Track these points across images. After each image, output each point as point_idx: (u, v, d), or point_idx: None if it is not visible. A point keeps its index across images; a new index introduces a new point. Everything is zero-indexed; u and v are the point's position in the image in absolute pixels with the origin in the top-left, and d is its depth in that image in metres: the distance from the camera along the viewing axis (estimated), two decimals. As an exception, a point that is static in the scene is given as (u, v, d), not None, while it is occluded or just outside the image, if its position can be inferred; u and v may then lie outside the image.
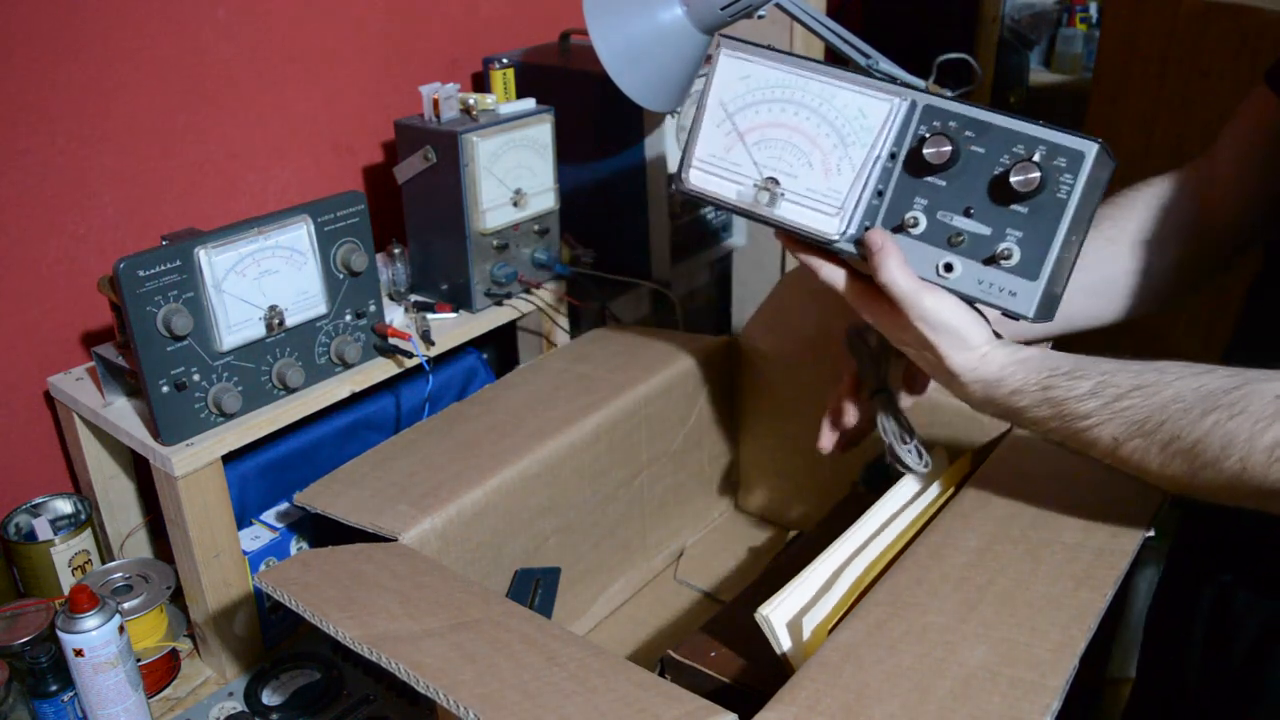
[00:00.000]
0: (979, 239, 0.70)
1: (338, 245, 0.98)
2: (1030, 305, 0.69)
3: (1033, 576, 0.70)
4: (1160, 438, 0.64)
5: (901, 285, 0.71)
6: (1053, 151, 0.67)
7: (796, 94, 0.76)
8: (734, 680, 0.78)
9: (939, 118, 0.71)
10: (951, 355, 0.71)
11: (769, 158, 0.77)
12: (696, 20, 1.05)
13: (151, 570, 0.99)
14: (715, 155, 0.80)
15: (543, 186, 1.16)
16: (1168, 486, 0.67)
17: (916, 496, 0.86)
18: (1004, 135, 0.68)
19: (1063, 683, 0.61)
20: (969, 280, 0.71)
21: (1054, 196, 0.67)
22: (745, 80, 0.78)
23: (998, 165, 0.69)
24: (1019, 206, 0.68)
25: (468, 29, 1.38)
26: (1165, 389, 0.64)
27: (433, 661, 0.60)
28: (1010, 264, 0.69)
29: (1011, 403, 0.71)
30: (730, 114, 0.79)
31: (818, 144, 0.75)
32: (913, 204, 0.72)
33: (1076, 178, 0.66)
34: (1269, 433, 0.59)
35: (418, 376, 1.09)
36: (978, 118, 0.70)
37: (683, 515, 1.18)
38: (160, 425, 0.89)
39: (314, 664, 0.98)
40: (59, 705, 0.88)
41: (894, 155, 0.73)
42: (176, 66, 1.10)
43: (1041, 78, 2.68)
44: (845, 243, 0.75)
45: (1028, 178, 0.67)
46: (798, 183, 0.76)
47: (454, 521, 0.88)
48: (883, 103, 0.73)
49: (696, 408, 1.14)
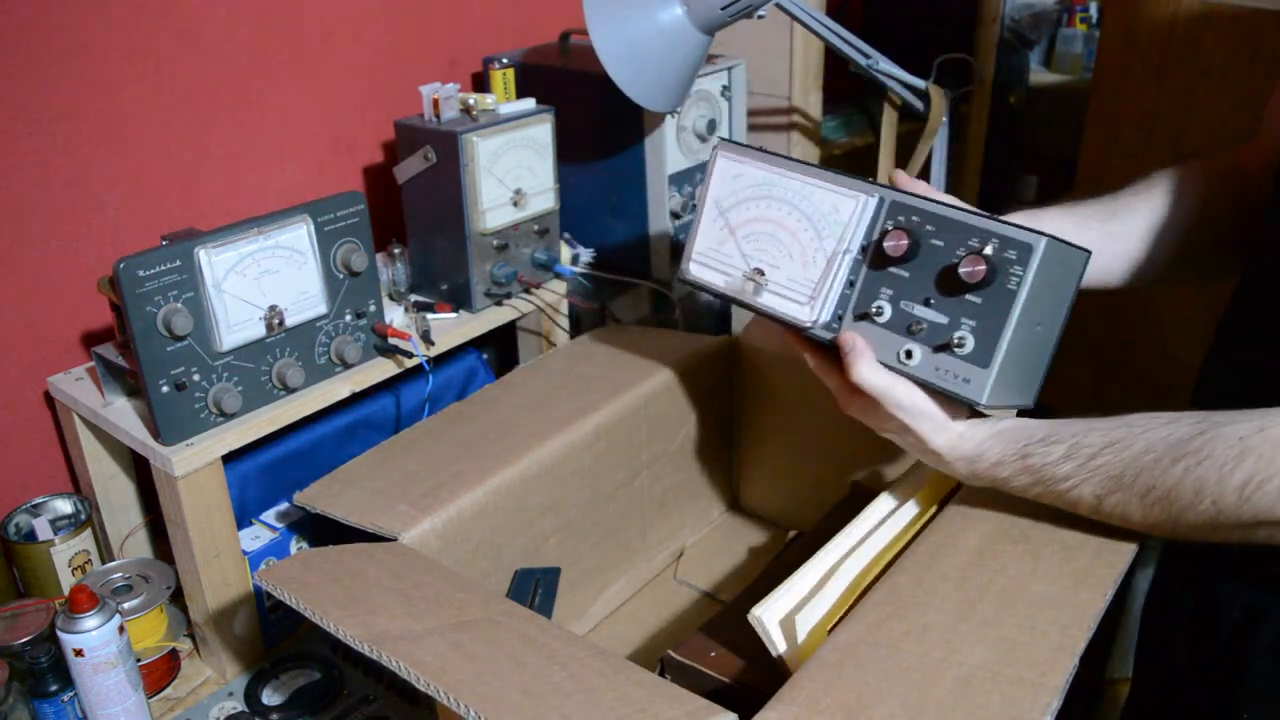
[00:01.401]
0: (937, 327, 0.73)
1: (338, 245, 0.98)
2: (983, 392, 0.71)
3: (1032, 576, 0.70)
4: (1138, 489, 0.67)
5: (873, 383, 0.75)
6: (1004, 245, 0.70)
7: (779, 190, 0.82)
8: (734, 680, 0.78)
9: (903, 213, 0.75)
10: (932, 438, 0.76)
11: (755, 250, 0.83)
12: (696, 20, 1.05)
13: (151, 570, 0.99)
14: (711, 248, 0.87)
15: (543, 186, 1.16)
16: (1156, 534, 0.70)
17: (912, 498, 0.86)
18: (960, 229, 0.72)
19: (1062, 682, 0.61)
20: (927, 367, 0.74)
21: (1004, 287, 0.70)
22: (738, 179, 0.85)
23: (953, 257, 0.72)
24: (973, 296, 0.71)
25: (468, 29, 1.38)
26: (1135, 442, 0.68)
27: (433, 660, 0.60)
28: (963, 352, 0.72)
29: (995, 474, 0.74)
30: (723, 210, 0.86)
31: (797, 237, 0.81)
32: (879, 294, 0.76)
33: (1026, 269, 0.69)
34: (1236, 474, 0.62)
35: (418, 376, 1.09)
36: (936, 213, 0.74)
37: (683, 515, 1.18)
38: (160, 425, 0.89)
39: (314, 664, 0.98)
40: (59, 705, 0.88)
41: (864, 249, 0.78)
42: (176, 66, 1.10)
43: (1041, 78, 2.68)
44: (820, 330, 0.79)
45: (974, 269, 0.70)
46: (779, 273, 0.82)
47: (454, 521, 0.88)
48: (849, 200, 0.78)
49: (696, 407, 1.14)
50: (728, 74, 1.29)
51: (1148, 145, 1.50)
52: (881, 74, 1.25)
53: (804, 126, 1.53)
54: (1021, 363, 0.72)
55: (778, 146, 1.55)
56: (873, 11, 2.05)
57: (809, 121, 1.53)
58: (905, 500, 0.86)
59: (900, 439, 0.79)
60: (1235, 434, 0.63)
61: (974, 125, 1.96)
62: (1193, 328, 1.56)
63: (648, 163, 1.25)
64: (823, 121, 1.57)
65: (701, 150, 1.29)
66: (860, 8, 2.05)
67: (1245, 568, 0.78)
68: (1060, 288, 0.73)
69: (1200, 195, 0.86)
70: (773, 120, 1.54)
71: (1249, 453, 0.62)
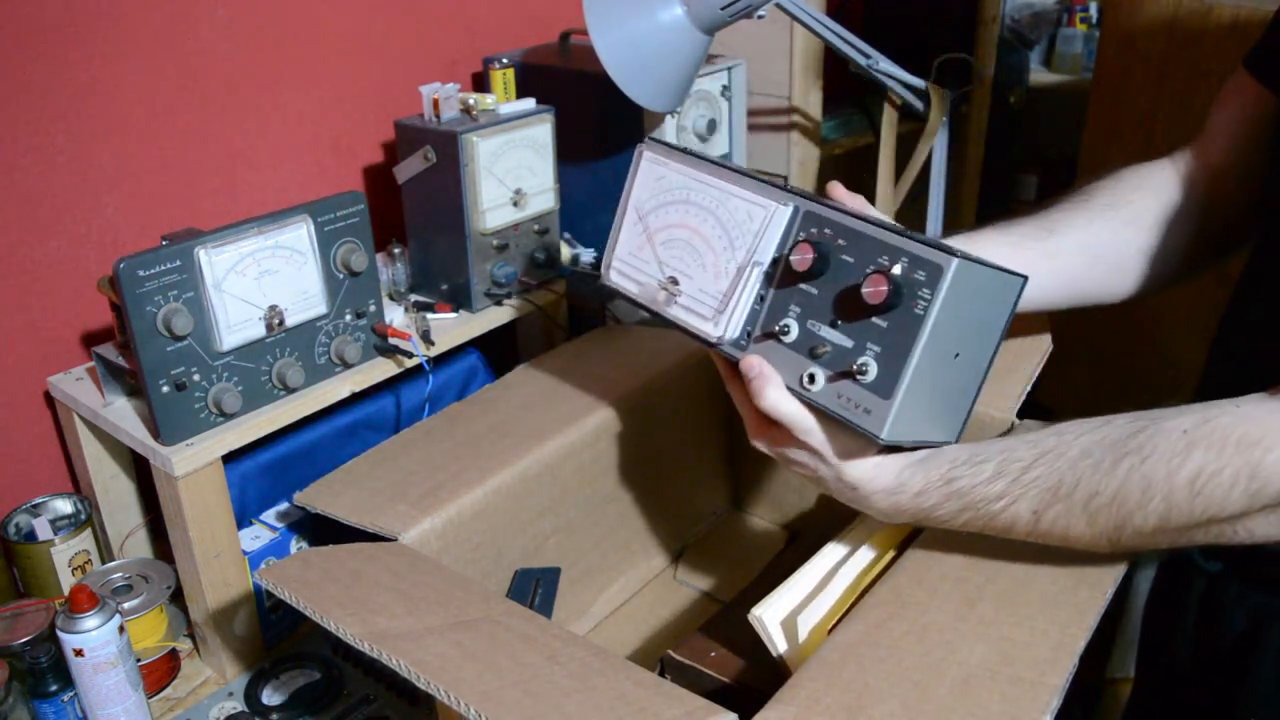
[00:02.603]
0: (841, 351, 0.67)
1: (338, 245, 0.98)
2: (883, 425, 0.64)
3: (1032, 575, 0.70)
4: (1079, 498, 0.63)
5: (782, 409, 0.69)
6: (913, 264, 0.63)
7: (697, 195, 0.76)
8: (734, 680, 0.78)
9: (816, 224, 0.69)
10: (845, 470, 0.70)
11: (671, 257, 0.78)
12: (696, 20, 1.05)
13: (151, 570, 0.99)
14: (630, 254, 0.81)
15: (543, 186, 1.16)
16: (1101, 548, 0.66)
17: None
18: (870, 245, 0.66)
19: (1062, 681, 0.61)
20: (829, 394, 0.67)
21: (911, 312, 0.63)
22: (659, 182, 0.79)
23: (861, 275, 0.65)
24: (879, 320, 0.65)
25: (468, 29, 1.38)
26: (1070, 449, 0.64)
27: (434, 659, 0.60)
28: (866, 380, 0.65)
29: (918, 505, 0.69)
30: (642, 215, 0.80)
31: (711, 246, 0.75)
32: (787, 311, 0.70)
33: (935, 293, 0.62)
34: (1185, 467, 0.60)
35: (418, 376, 1.09)
36: (850, 227, 0.67)
37: (683, 515, 1.18)
38: (160, 425, 0.89)
39: (314, 664, 0.98)
40: (59, 705, 0.88)
41: (776, 261, 0.71)
42: (177, 66, 1.10)
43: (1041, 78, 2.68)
44: (729, 348, 0.73)
45: (876, 289, 0.63)
46: (692, 284, 0.76)
47: (453, 521, 0.88)
48: (760, 208, 0.72)
49: (697, 407, 1.14)
50: (728, 74, 1.29)
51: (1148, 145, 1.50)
52: (881, 74, 1.25)
53: (804, 126, 1.54)
54: (935, 395, 0.66)
55: (778, 146, 1.55)
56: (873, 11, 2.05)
57: (809, 121, 1.53)
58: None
59: (813, 474, 0.72)
60: (1178, 427, 0.61)
61: (974, 125, 1.96)
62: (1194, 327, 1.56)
63: (648, 163, 1.25)
64: (823, 121, 1.57)
65: (702, 150, 1.29)
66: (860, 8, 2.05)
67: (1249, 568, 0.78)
68: (986, 315, 0.66)
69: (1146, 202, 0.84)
70: (773, 120, 1.54)
71: (1195, 445, 0.60)
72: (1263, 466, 0.58)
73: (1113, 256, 0.83)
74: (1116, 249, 0.83)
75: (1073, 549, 0.67)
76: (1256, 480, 0.58)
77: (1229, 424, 0.60)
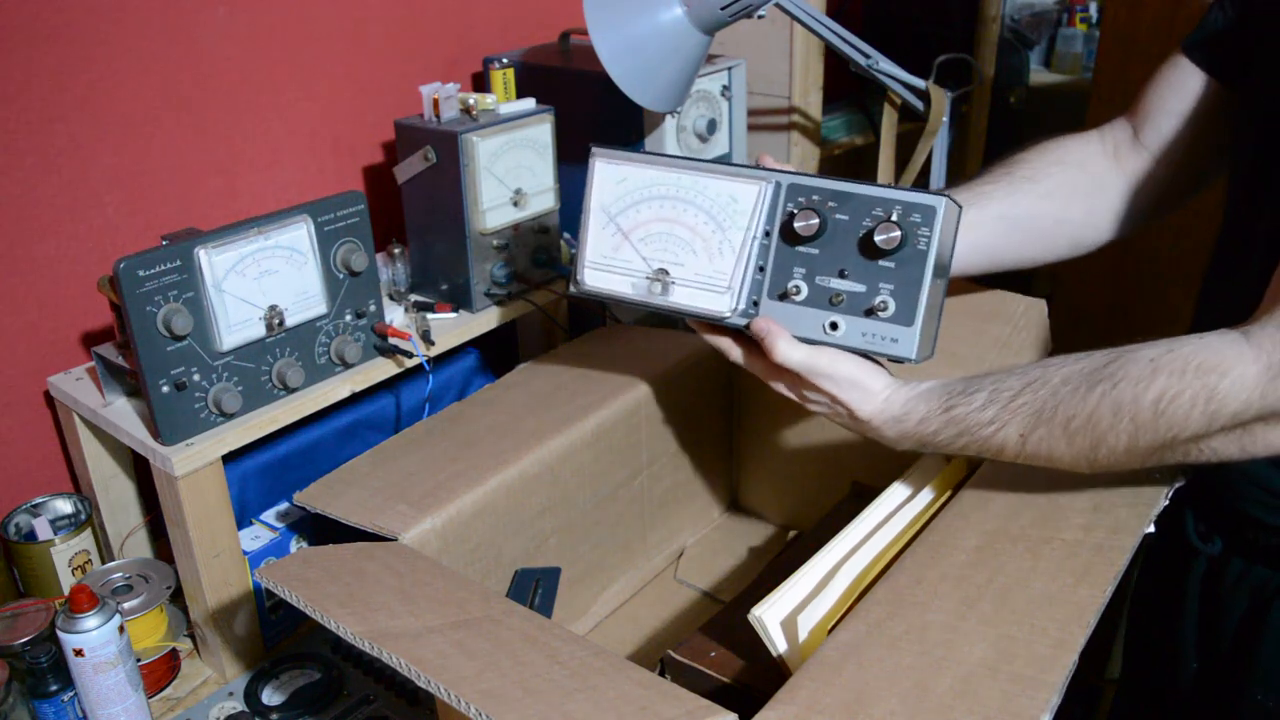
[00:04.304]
0: (856, 296, 0.77)
1: (338, 245, 0.98)
2: (912, 348, 0.75)
3: (1032, 574, 0.70)
4: (1059, 420, 0.70)
5: (795, 358, 0.77)
6: (908, 209, 0.74)
7: (671, 189, 0.82)
8: (734, 680, 0.78)
9: (803, 193, 0.78)
10: (859, 405, 0.78)
11: (655, 251, 0.83)
12: (697, 20, 1.05)
13: (151, 570, 0.99)
14: (605, 255, 0.86)
15: (543, 186, 1.16)
16: (1081, 469, 0.72)
17: (912, 497, 0.87)
18: (863, 201, 0.76)
19: (1062, 679, 0.61)
20: (854, 334, 0.77)
21: (915, 249, 0.74)
22: (622, 183, 0.85)
23: (860, 228, 0.76)
24: (886, 262, 0.75)
25: (468, 29, 1.38)
26: (1052, 377, 0.71)
27: (434, 658, 0.60)
28: (887, 314, 0.76)
29: (921, 432, 0.76)
30: (613, 216, 0.85)
31: (698, 231, 0.82)
32: (792, 274, 0.79)
33: (932, 229, 0.74)
34: (1150, 391, 0.66)
35: (418, 376, 1.09)
36: (838, 189, 0.77)
37: (683, 515, 1.18)
38: (160, 425, 0.89)
39: (314, 664, 0.98)
40: (59, 705, 0.88)
41: (768, 233, 0.80)
42: (177, 66, 1.10)
43: (1041, 78, 2.69)
44: (738, 318, 0.81)
45: (889, 236, 0.74)
46: (685, 270, 0.82)
47: (454, 521, 0.88)
48: (751, 186, 0.80)
49: (696, 407, 1.14)
50: (728, 74, 1.29)
51: (1147, 145, 1.49)
52: (881, 74, 1.25)
53: (804, 126, 1.54)
54: (932, 315, 0.77)
55: (778, 146, 1.55)
56: (873, 11, 2.05)
57: (809, 121, 1.53)
58: (915, 490, 0.86)
59: (830, 410, 0.80)
60: (1146, 356, 0.67)
61: (974, 125, 1.96)
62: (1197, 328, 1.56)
63: (648, 163, 1.25)
64: (823, 121, 1.57)
65: (701, 150, 1.29)
66: (860, 8, 2.05)
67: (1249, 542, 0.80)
68: (950, 242, 0.77)
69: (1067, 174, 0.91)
70: (773, 120, 1.54)
71: (1160, 371, 0.66)
72: (1219, 390, 0.64)
73: (1030, 225, 0.91)
74: (1034, 219, 0.91)
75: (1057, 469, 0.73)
76: (1213, 403, 0.64)
77: (1190, 352, 0.66)
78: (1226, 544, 0.83)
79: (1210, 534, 0.84)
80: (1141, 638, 0.97)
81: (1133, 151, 0.91)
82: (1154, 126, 0.89)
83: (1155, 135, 0.89)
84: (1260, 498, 0.78)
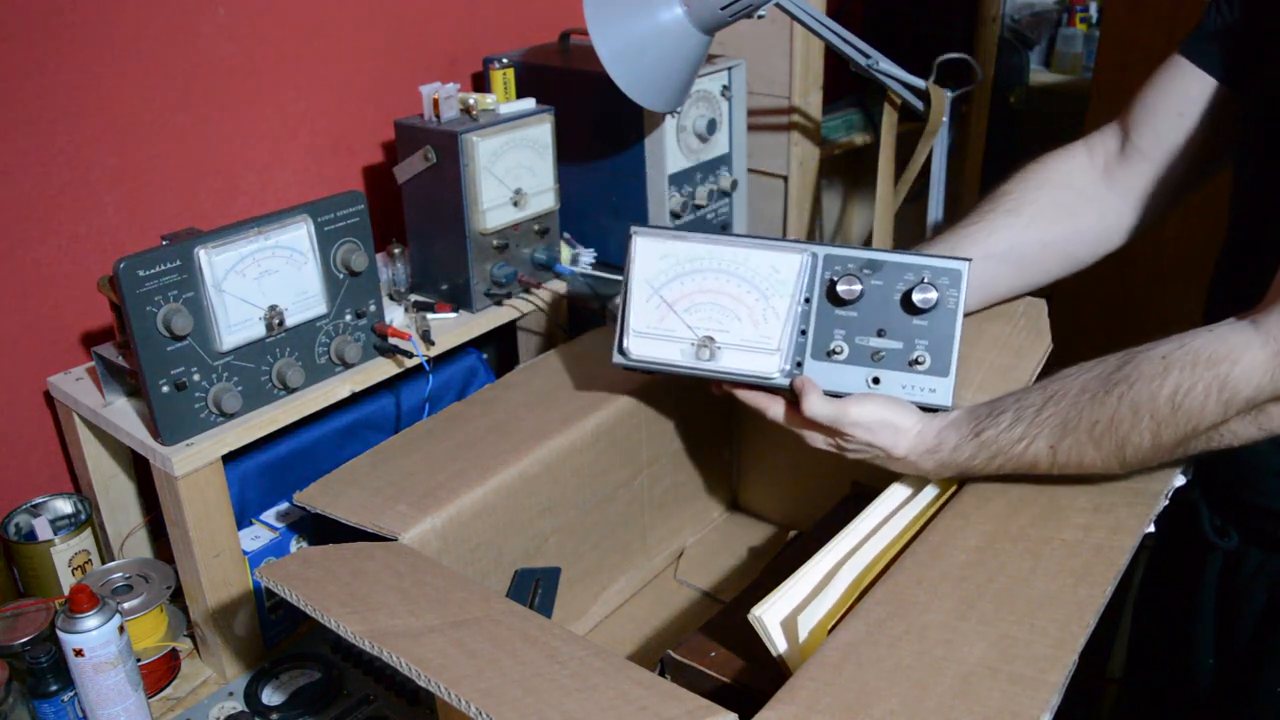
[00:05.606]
0: (895, 352, 0.84)
1: (338, 245, 0.98)
2: (949, 395, 0.83)
3: (1032, 573, 0.70)
4: (1084, 427, 0.72)
5: (828, 412, 0.82)
6: (936, 273, 0.83)
7: (714, 261, 0.88)
8: (734, 680, 0.78)
9: (840, 262, 0.85)
10: (894, 445, 0.82)
11: (701, 320, 0.88)
12: (697, 20, 1.05)
13: (151, 570, 0.99)
14: (650, 326, 0.90)
15: (543, 186, 1.16)
16: (1114, 470, 0.74)
17: (912, 497, 0.86)
18: (894, 267, 0.84)
19: (1062, 679, 0.61)
20: (895, 387, 0.84)
21: (945, 308, 0.83)
22: (665, 258, 0.89)
23: (895, 291, 0.84)
24: (919, 320, 0.83)
25: (468, 29, 1.38)
26: (1071, 387, 0.74)
27: (434, 657, 0.60)
28: (924, 367, 0.84)
29: (957, 459, 0.79)
30: (657, 289, 0.89)
31: (742, 300, 0.87)
32: (833, 335, 0.86)
33: (959, 290, 0.82)
34: (1165, 386, 0.68)
35: (418, 376, 1.09)
36: (870, 258, 0.84)
37: (683, 515, 1.18)
38: (160, 425, 0.89)
39: (314, 664, 0.98)
40: (59, 705, 0.88)
41: (808, 300, 0.86)
42: (177, 66, 1.10)
43: (1041, 78, 2.69)
44: (783, 379, 0.87)
45: (926, 296, 0.82)
46: (730, 336, 0.88)
47: (454, 521, 0.88)
48: (794, 256, 0.86)
49: (697, 407, 1.14)
50: (728, 74, 1.29)
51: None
52: (881, 74, 1.25)
53: (804, 126, 1.54)
54: (957, 364, 0.84)
55: (778, 146, 1.55)
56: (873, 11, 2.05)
57: (809, 121, 1.53)
58: (915, 490, 0.86)
59: (869, 454, 0.84)
60: (1158, 354, 0.70)
61: (974, 125, 1.96)
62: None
63: (648, 163, 1.25)
64: (823, 121, 1.57)
65: (701, 150, 1.29)
66: (860, 8, 2.05)
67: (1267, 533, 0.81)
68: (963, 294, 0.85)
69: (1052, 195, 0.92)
70: (773, 120, 1.54)
71: (1172, 367, 0.68)
72: (1231, 378, 0.66)
73: (1016, 256, 0.94)
74: (1021, 251, 0.93)
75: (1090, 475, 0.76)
76: (1226, 391, 0.66)
77: (1200, 345, 0.68)
78: (1243, 537, 0.83)
79: (1226, 528, 0.85)
80: (1147, 637, 0.97)
81: (1122, 159, 0.91)
82: (1151, 129, 0.89)
83: (1152, 138, 0.89)
84: (1276, 488, 0.79)
